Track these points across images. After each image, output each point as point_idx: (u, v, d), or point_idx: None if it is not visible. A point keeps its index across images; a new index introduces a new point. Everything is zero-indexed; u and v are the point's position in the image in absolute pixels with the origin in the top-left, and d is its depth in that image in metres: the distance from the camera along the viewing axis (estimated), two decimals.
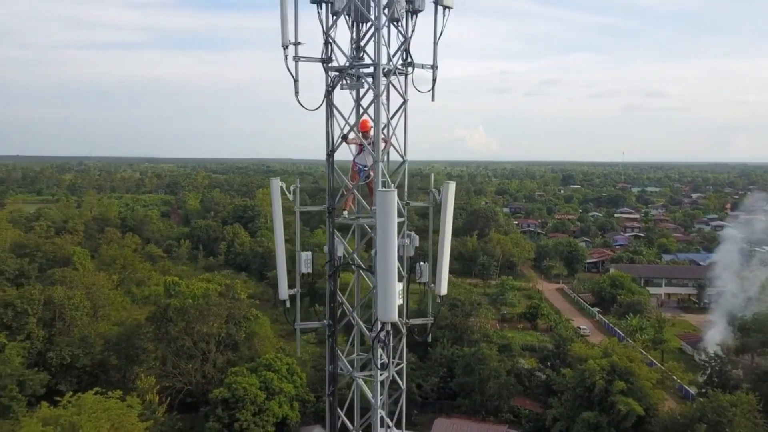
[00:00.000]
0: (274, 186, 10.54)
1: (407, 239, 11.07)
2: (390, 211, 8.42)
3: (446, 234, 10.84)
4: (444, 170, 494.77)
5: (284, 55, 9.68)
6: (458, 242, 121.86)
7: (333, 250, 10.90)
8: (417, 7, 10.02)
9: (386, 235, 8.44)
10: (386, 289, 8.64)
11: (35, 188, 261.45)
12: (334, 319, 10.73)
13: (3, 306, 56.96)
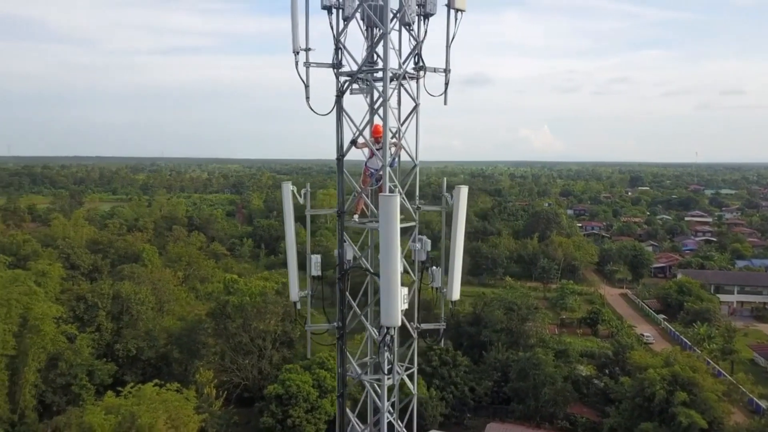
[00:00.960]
0: (285, 189, 10.73)
1: (419, 243, 11.01)
2: (392, 216, 8.43)
3: (458, 239, 10.75)
4: (507, 171, 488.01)
5: (295, 60, 9.88)
6: (518, 245, 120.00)
7: (342, 253, 10.99)
8: (428, 11, 9.99)
9: (389, 239, 8.46)
10: (389, 294, 8.65)
11: (111, 188, 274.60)
12: (343, 322, 10.81)
13: (76, 299, 60.26)
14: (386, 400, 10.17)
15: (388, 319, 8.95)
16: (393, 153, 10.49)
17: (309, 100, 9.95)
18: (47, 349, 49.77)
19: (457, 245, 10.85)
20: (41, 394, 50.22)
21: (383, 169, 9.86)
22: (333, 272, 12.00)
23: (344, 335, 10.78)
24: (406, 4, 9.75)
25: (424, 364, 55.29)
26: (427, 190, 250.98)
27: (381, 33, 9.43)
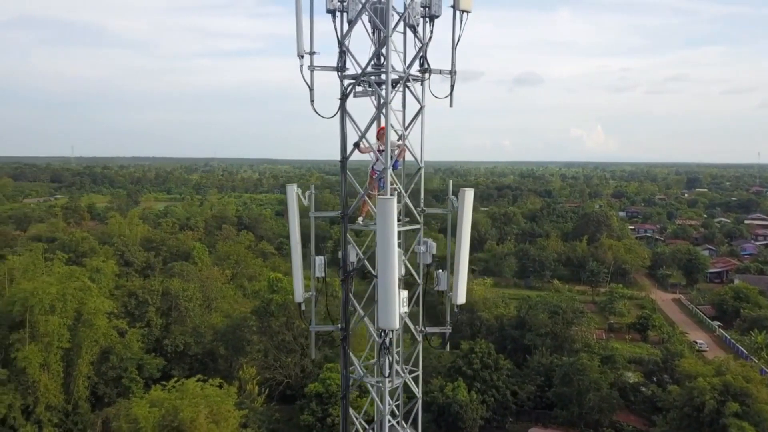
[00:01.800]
0: (289, 191, 10.85)
1: (423, 246, 10.94)
2: (389, 219, 8.42)
3: (463, 242, 10.60)
4: (558, 171, 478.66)
5: (300, 64, 9.98)
6: (567, 247, 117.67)
7: (346, 255, 11.03)
8: (433, 13, 9.93)
9: (386, 242, 8.46)
10: (386, 297, 8.65)
11: (166, 187, 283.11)
12: (347, 323, 10.85)
13: (128, 295, 62.50)
14: (387, 403, 10.15)
15: (386, 322, 8.96)
16: (397, 155, 10.47)
17: (314, 102, 10.05)
18: (99, 342, 51.78)
19: (462, 248, 10.72)
20: (94, 386, 52.25)
21: (384, 172, 9.86)
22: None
23: (347, 337, 10.82)
24: (410, 6, 9.74)
25: (465, 367, 54.94)
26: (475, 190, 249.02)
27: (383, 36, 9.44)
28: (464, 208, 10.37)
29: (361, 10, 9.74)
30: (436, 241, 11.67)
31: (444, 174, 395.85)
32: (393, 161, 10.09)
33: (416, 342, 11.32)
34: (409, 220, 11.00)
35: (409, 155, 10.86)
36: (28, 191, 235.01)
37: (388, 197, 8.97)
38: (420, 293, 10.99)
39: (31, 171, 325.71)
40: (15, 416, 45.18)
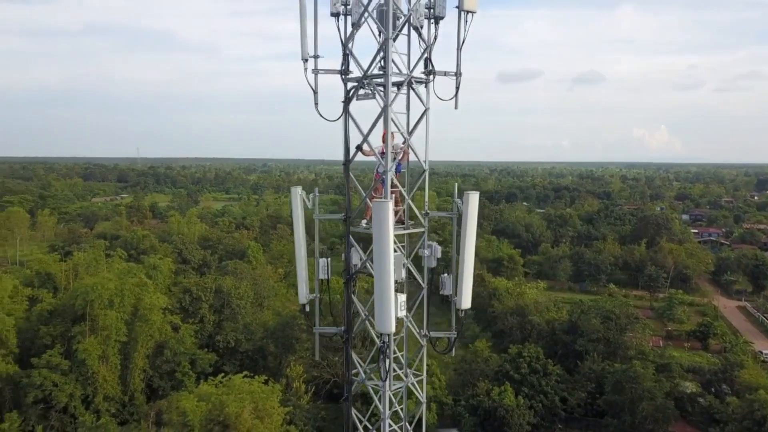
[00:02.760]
0: (294, 194, 10.93)
1: (428, 250, 10.81)
2: (385, 221, 8.37)
3: (467, 246, 10.42)
4: (618, 172, 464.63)
5: (304, 68, 10.06)
6: (624, 251, 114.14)
7: (349, 258, 11.02)
8: (438, 14, 9.80)
9: (382, 245, 8.41)
10: (382, 300, 8.60)
11: (224, 187, 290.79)
12: (349, 326, 10.84)
13: (182, 292, 64.54)
14: (387, 407, 10.10)
15: (381, 325, 8.92)
16: (400, 158, 10.42)
17: (318, 105, 10.13)
18: (154, 337, 53.66)
19: (466, 252, 10.55)
20: (149, 379, 54.16)
21: (385, 175, 9.83)
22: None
23: (349, 339, 10.83)
24: (414, 7, 9.66)
25: (512, 371, 54.07)
26: (531, 192, 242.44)
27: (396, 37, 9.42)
28: (469, 211, 10.21)
29: (363, 13, 9.75)
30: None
31: (499, 175, 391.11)
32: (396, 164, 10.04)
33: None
34: (414, 223, 10.93)
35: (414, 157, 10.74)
36: (96, 190, 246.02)
37: (383, 200, 8.95)
38: (424, 297, 10.86)
39: (100, 171, 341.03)
40: (75, 405, 47.37)
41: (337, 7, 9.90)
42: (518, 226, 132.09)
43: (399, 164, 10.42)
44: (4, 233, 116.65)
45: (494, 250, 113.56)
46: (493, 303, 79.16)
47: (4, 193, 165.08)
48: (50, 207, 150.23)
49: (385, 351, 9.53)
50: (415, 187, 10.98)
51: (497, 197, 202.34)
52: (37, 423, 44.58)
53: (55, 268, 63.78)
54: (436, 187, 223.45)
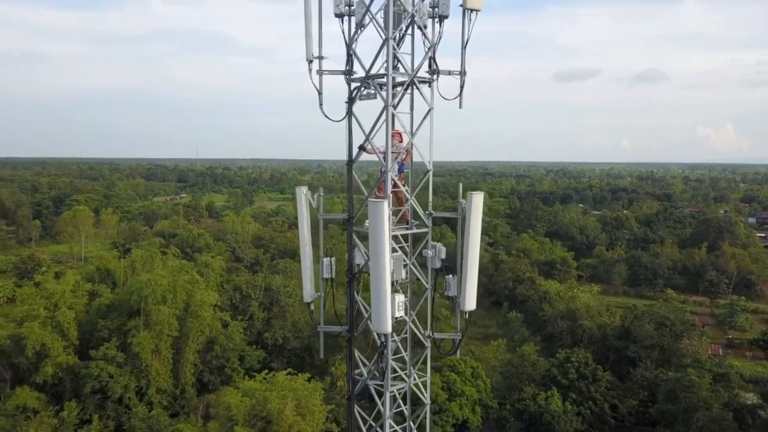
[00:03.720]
0: (298, 193, 11.01)
1: (432, 250, 10.68)
2: (381, 222, 8.32)
3: (471, 247, 10.23)
4: (681, 173, 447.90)
5: (309, 69, 10.12)
6: (684, 255, 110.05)
7: (351, 257, 11.01)
8: (442, 13, 9.68)
9: (378, 245, 8.37)
10: (378, 301, 8.55)
11: (279, 188, 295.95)
12: (351, 325, 10.83)
13: (233, 289, 66.18)
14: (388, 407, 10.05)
15: (378, 325, 8.88)
16: (404, 158, 10.36)
17: (322, 106, 10.19)
18: (205, 332, 55.19)
19: (470, 253, 10.37)
20: (200, 373, 55.73)
21: (386, 175, 9.79)
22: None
23: (352, 339, 10.83)
24: (417, 7, 9.58)
25: (560, 376, 52.94)
26: (587, 193, 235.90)
27: (402, 38, 9.40)
28: (473, 212, 10.06)
29: (365, 13, 9.75)
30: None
31: (555, 176, 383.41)
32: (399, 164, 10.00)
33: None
34: (418, 224, 10.85)
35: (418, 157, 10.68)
36: (157, 190, 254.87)
37: (378, 200, 8.94)
38: (429, 298, 10.76)
39: (161, 171, 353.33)
40: (130, 396, 49.23)
41: (340, 8, 9.96)
42: (572, 228, 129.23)
43: (401, 164, 10.38)
44: (71, 230, 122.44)
45: (547, 253, 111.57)
46: (543, 306, 77.81)
47: (72, 193, 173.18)
48: (113, 206, 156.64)
49: (382, 351, 9.51)
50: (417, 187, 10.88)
51: (552, 198, 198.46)
52: (94, 412, 46.49)
53: (114, 265, 66.44)
54: (489, 188, 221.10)
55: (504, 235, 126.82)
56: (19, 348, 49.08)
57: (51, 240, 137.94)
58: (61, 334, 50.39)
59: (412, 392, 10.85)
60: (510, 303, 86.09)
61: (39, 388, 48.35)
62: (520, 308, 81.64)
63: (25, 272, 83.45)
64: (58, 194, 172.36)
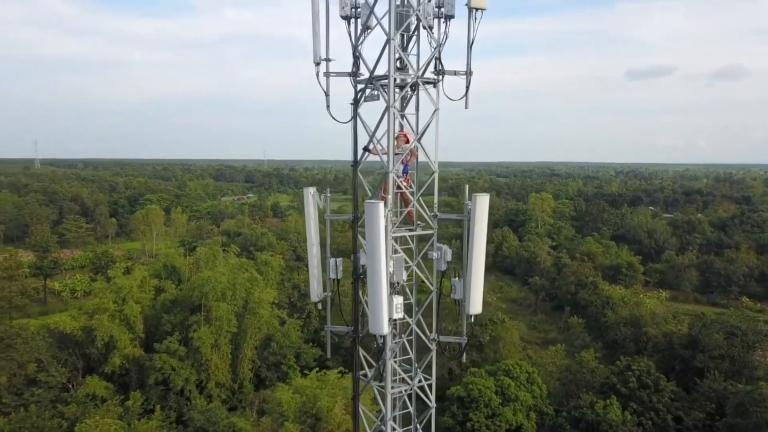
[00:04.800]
0: (306, 194, 11.07)
1: (437, 252, 10.50)
2: (377, 222, 8.26)
3: (476, 249, 9.98)
4: (762, 175, 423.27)
5: (316, 71, 10.16)
6: (762, 261, 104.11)
7: (357, 258, 10.96)
8: (447, 12, 9.50)
9: (374, 246, 8.31)
10: (374, 302, 8.49)
11: (342, 188, 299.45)
12: (356, 326, 10.79)
13: (292, 287, 67.54)
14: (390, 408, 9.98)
15: (374, 326, 8.83)
16: (408, 159, 10.26)
17: (329, 108, 10.22)
18: (262, 329, 56.56)
19: (475, 256, 10.14)
20: (257, 369, 57.16)
21: (387, 176, 9.72)
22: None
23: (356, 339, 10.81)
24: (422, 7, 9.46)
25: (619, 384, 51.17)
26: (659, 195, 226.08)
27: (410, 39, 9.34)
28: (478, 214, 9.86)
29: (369, 15, 9.74)
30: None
31: (626, 177, 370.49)
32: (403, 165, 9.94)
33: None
34: (424, 225, 10.73)
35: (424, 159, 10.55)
36: (225, 190, 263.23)
37: (374, 201, 8.90)
38: (434, 300, 10.63)
39: (230, 172, 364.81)
40: (191, 389, 51.08)
41: (346, 10, 10.01)
42: (640, 232, 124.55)
43: (406, 165, 10.31)
44: (143, 228, 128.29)
45: (612, 257, 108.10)
46: (606, 312, 75.41)
47: (146, 192, 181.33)
48: (183, 205, 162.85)
49: (381, 352, 9.48)
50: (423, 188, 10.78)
51: (620, 200, 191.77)
52: (157, 403, 48.47)
53: (180, 262, 69.06)
54: (555, 189, 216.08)
55: (568, 237, 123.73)
56: (90, 339, 51.86)
57: (126, 237, 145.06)
58: (128, 327, 52.85)
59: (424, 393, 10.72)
60: (571, 308, 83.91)
61: (107, 378, 50.90)
62: (581, 313, 79.44)
63: (99, 267, 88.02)
64: (133, 194, 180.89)
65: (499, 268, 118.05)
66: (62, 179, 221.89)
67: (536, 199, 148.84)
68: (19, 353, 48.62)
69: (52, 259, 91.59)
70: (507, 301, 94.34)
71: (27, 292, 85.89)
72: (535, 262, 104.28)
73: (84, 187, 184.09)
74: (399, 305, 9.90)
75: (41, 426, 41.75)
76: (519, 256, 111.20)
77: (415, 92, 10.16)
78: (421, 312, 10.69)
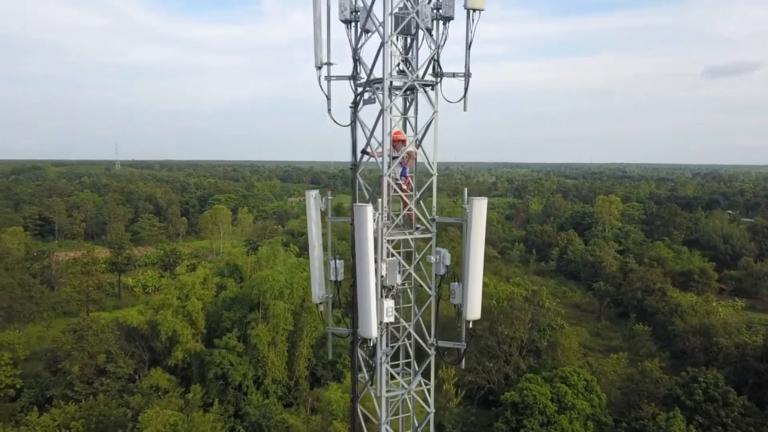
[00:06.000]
0: (308, 197, 11.08)
1: (436, 256, 10.28)
2: (364, 226, 8.18)
3: (474, 254, 9.71)
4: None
5: (318, 75, 10.16)
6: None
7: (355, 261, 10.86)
8: (445, 14, 9.29)
9: (362, 249, 8.23)
10: (363, 305, 8.40)
11: None
12: (355, 328, 10.70)
13: (350, 287, 68.15)
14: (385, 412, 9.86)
15: (363, 330, 8.76)
16: (407, 162, 10.12)
17: (331, 111, 10.23)
18: (318, 328, 57.39)
19: (473, 261, 9.88)
20: (313, 367, 58.09)
21: (382, 179, 9.62)
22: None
23: (355, 341, 10.73)
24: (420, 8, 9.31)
25: (684, 396, 48.82)
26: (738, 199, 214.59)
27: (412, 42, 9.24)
28: (476, 218, 9.63)
29: (367, 17, 9.70)
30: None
31: (703, 179, 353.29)
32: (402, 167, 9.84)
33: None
34: (424, 228, 10.57)
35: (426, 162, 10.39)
36: (292, 191, 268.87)
37: (361, 204, 8.85)
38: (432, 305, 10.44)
39: (297, 173, 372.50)
40: (248, 384, 52.49)
41: (345, 14, 10.00)
42: (715, 237, 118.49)
43: (404, 168, 10.21)
44: (212, 227, 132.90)
45: (683, 263, 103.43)
46: (674, 320, 72.23)
47: (215, 192, 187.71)
48: (249, 205, 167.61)
49: (371, 356, 9.41)
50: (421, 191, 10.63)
51: (695, 204, 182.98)
52: (216, 396, 50.08)
53: (242, 260, 71.10)
54: (625, 192, 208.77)
55: (636, 242, 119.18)
56: (155, 333, 54.21)
57: (195, 236, 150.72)
58: (190, 323, 54.86)
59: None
60: (637, 315, 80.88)
61: (171, 371, 53.05)
62: (648, 321, 76.44)
63: (167, 265, 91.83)
64: (204, 194, 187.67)
65: (563, 272, 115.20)
66: (139, 180, 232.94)
67: (603, 202, 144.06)
68: (90, 344, 51.34)
69: (126, 255, 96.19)
70: (569, 306, 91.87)
71: (103, 286, 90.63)
72: (600, 266, 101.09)
73: (158, 188, 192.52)
74: (390, 309, 9.84)
75: (108, 414, 43.95)
76: (584, 260, 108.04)
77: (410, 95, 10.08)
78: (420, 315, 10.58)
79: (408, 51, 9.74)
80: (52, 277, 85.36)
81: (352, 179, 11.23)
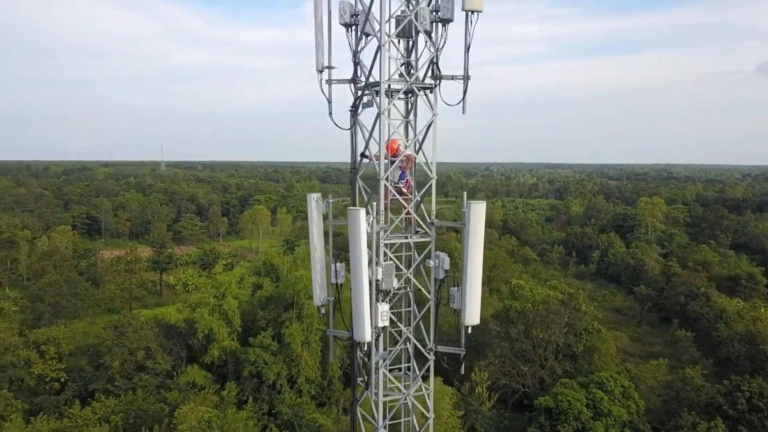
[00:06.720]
0: (310, 200, 11.07)
1: (435, 260, 10.12)
2: (358, 230, 8.13)
3: (472, 258, 9.52)
4: None
5: (319, 79, 10.14)
6: None
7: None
8: (443, 16, 9.14)
9: (355, 253, 8.17)
10: (356, 308, 8.34)
11: (443, 191, 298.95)
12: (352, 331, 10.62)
13: None
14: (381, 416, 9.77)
15: (357, 334, 8.70)
16: (406, 166, 10.02)
17: (332, 114, 10.20)
18: None
19: (471, 265, 9.70)
20: (346, 368, 58.28)
21: (379, 183, 9.53)
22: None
23: (354, 344, 10.66)
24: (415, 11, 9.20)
25: (726, 405, 47.20)
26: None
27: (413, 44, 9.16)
28: (474, 222, 9.48)
29: (365, 20, 9.66)
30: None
31: (754, 180, 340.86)
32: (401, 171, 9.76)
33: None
34: (423, 232, 10.45)
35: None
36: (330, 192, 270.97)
37: (355, 208, 8.80)
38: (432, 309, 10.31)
39: (336, 174, 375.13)
40: (282, 383, 53.04)
41: (345, 18, 9.98)
42: (764, 240, 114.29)
43: (403, 171, 10.13)
44: (251, 227, 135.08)
45: (730, 267, 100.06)
46: (718, 326, 69.89)
47: (256, 193, 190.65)
48: (289, 206, 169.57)
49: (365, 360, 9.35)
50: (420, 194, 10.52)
51: (744, 206, 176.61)
52: (251, 394, 50.78)
53: (279, 260, 71.98)
54: (670, 194, 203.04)
55: (680, 245, 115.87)
56: (192, 330, 55.34)
57: (235, 236, 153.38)
58: (226, 321, 55.79)
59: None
60: (680, 320, 78.55)
61: (207, 368, 54.05)
62: (691, 327, 74.17)
63: (207, 264, 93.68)
64: (244, 194, 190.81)
65: (603, 275, 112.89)
66: (182, 180, 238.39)
67: (646, 204, 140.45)
68: (129, 341, 52.76)
69: (168, 254, 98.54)
70: (609, 310, 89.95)
71: (145, 284, 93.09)
72: (642, 270, 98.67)
73: (200, 188, 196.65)
74: (384, 313, 9.79)
75: (146, 409, 45.10)
76: (625, 263, 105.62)
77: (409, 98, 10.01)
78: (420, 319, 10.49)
79: (410, 54, 9.69)
80: (98, 275, 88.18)
81: (352, 182, 11.24)
